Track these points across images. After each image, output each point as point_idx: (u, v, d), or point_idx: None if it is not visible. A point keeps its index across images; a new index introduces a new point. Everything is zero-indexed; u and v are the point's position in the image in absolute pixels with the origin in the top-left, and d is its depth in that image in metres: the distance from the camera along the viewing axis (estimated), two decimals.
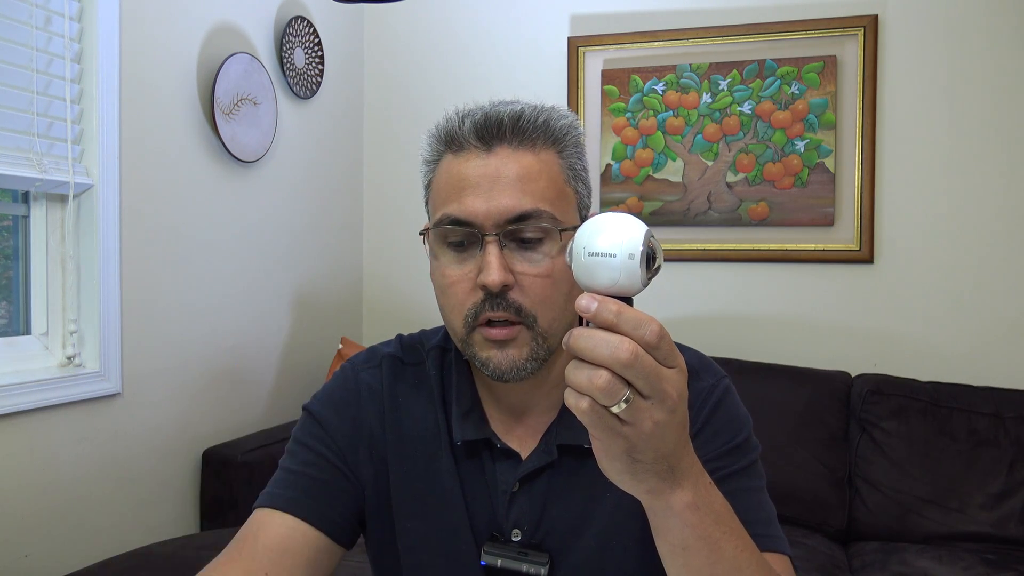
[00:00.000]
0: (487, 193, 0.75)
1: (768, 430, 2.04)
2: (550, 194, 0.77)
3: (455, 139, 0.78)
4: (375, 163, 2.90)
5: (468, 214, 0.75)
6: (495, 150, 0.77)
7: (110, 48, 1.80)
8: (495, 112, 0.77)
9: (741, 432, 0.83)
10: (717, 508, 0.64)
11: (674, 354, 0.56)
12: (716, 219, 2.54)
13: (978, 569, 1.85)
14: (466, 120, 0.78)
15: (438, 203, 0.79)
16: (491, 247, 0.75)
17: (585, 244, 0.56)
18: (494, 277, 0.73)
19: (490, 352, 0.77)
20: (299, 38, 2.47)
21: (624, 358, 0.52)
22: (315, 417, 0.88)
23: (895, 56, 2.40)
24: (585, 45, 2.64)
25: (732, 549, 0.64)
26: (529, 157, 0.77)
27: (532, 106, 0.79)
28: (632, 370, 0.53)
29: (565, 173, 0.80)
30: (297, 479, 0.84)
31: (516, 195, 0.75)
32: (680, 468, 0.60)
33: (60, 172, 1.70)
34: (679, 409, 0.56)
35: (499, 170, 0.76)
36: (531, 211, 0.75)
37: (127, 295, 1.86)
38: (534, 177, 0.76)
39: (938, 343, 2.38)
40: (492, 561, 0.81)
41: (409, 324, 2.72)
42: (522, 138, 0.77)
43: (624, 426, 0.55)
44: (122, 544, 1.80)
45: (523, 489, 0.83)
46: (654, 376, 0.54)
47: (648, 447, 0.56)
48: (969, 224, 2.35)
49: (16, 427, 1.60)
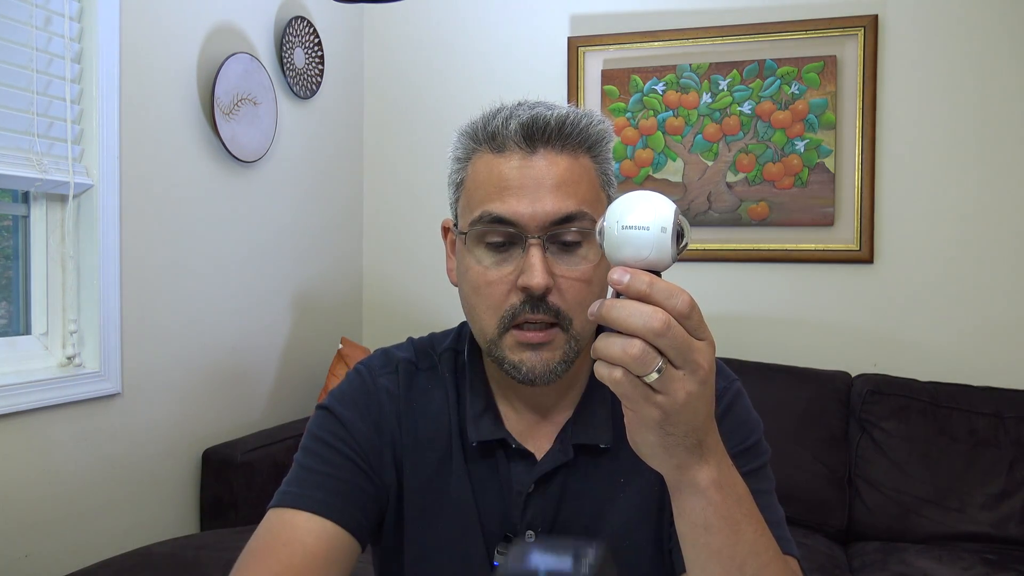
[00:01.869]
0: (532, 195, 0.75)
1: (768, 430, 2.03)
2: (589, 197, 0.78)
3: (496, 138, 0.78)
4: (375, 163, 2.90)
5: (512, 214, 0.75)
6: (539, 151, 0.77)
7: (110, 48, 1.80)
8: (541, 114, 0.77)
9: (752, 435, 0.83)
10: (739, 490, 0.64)
11: (704, 326, 0.57)
12: (716, 219, 2.54)
13: (978, 569, 1.85)
14: (511, 120, 0.78)
15: (476, 201, 0.78)
16: (534, 249, 0.75)
17: (618, 218, 0.58)
18: (539, 280, 0.73)
19: (523, 355, 0.77)
20: (299, 38, 2.47)
21: (657, 327, 0.53)
22: (338, 417, 0.85)
23: (895, 56, 2.40)
24: (585, 45, 2.64)
25: (752, 532, 0.64)
26: (570, 160, 0.78)
27: (574, 110, 0.79)
28: (665, 339, 0.54)
29: (600, 178, 0.80)
30: (322, 479, 0.81)
31: (560, 198, 0.75)
32: (707, 444, 0.60)
33: (60, 172, 1.70)
34: (709, 381, 0.57)
35: (543, 172, 0.76)
36: (574, 213, 0.75)
37: (127, 295, 1.86)
38: (575, 180, 0.77)
39: (938, 343, 2.38)
40: None
41: (409, 324, 2.73)
42: (564, 142, 0.77)
43: (657, 395, 0.55)
44: (122, 544, 1.80)
45: (538, 490, 0.82)
46: (685, 346, 0.55)
47: (681, 419, 0.57)
48: (969, 224, 2.35)
49: (16, 427, 1.60)
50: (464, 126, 0.82)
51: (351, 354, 2.44)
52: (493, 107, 0.81)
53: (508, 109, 0.80)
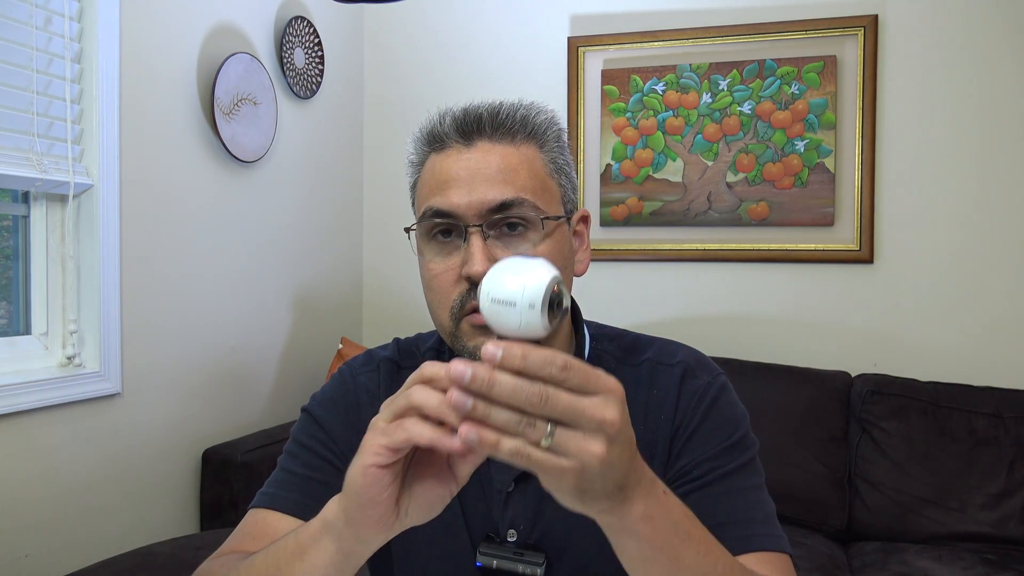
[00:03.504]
0: (468, 185, 0.77)
1: (768, 430, 2.04)
2: (532, 185, 0.78)
3: (437, 137, 0.81)
4: (375, 163, 2.90)
5: (450, 206, 0.77)
6: (475, 144, 0.79)
7: (110, 48, 1.80)
8: (473, 107, 0.80)
9: (738, 430, 0.83)
10: (674, 516, 0.63)
11: (591, 380, 0.54)
12: (716, 219, 2.54)
13: (978, 569, 1.85)
14: (446, 117, 0.80)
15: (422, 199, 0.81)
16: (474, 238, 0.76)
17: (489, 290, 0.56)
18: (478, 267, 0.74)
19: (478, 339, 0.77)
20: (299, 38, 2.47)
21: (535, 401, 0.52)
22: (316, 419, 0.87)
23: (895, 56, 2.40)
24: (585, 45, 2.64)
25: (692, 556, 0.63)
26: (509, 150, 0.79)
27: (510, 102, 0.81)
28: (547, 408, 0.53)
29: (547, 167, 0.81)
30: (299, 481, 0.83)
31: (497, 186, 0.77)
32: (630, 483, 0.58)
33: (60, 172, 1.70)
34: (621, 433, 0.55)
35: (479, 163, 0.78)
36: (512, 200, 0.77)
37: (127, 295, 1.86)
38: (514, 168, 0.78)
39: (938, 343, 2.38)
40: (487, 562, 0.81)
41: (409, 324, 2.72)
42: (501, 132, 0.79)
43: (561, 459, 0.54)
44: (122, 544, 1.80)
45: (518, 488, 0.83)
46: (572, 408, 0.53)
47: (596, 476, 0.55)
48: (969, 224, 2.35)
49: (16, 427, 1.60)
50: (415, 131, 0.84)
51: (351, 354, 2.44)
52: (431, 112, 0.83)
53: (447, 108, 0.82)
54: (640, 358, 0.88)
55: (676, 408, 0.83)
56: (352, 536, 0.63)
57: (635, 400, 0.85)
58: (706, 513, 0.73)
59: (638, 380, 0.86)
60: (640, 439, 0.75)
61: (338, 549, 0.63)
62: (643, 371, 0.86)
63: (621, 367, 0.87)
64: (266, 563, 0.69)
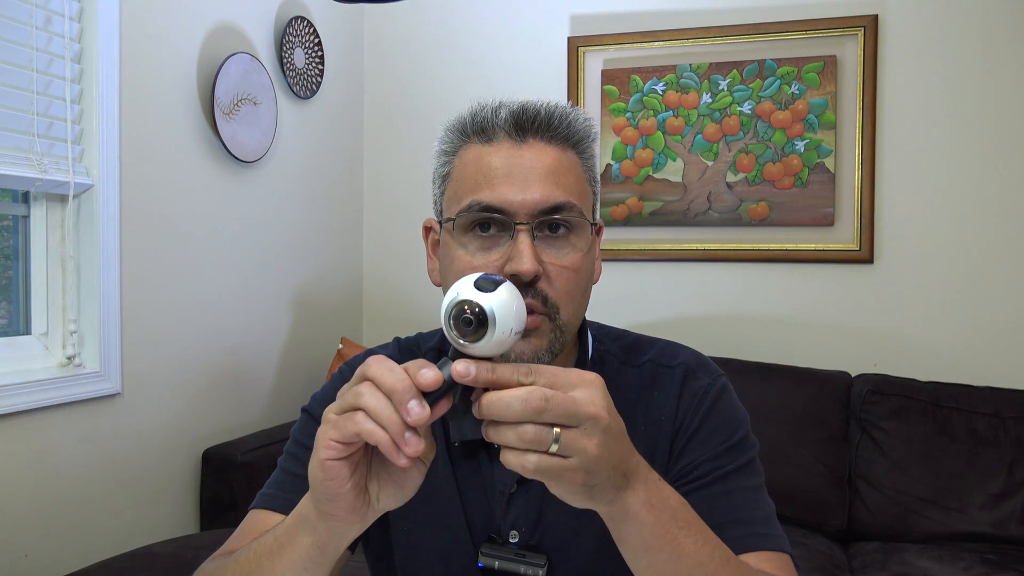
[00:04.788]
0: (522, 183, 0.76)
1: (768, 430, 2.04)
2: (578, 190, 0.79)
3: (486, 128, 0.79)
4: (375, 163, 2.90)
5: (501, 202, 0.75)
6: (528, 141, 0.78)
7: (110, 48, 1.80)
8: (532, 104, 0.78)
9: (738, 430, 0.83)
10: (673, 503, 0.65)
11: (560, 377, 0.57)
12: (716, 219, 2.54)
13: (978, 569, 1.85)
14: (501, 109, 0.78)
15: (464, 191, 0.78)
16: (523, 235, 0.74)
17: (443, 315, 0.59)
18: (527, 265, 0.73)
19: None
20: (299, 38, 2.47)
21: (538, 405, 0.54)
22: (316, 419, 0.86)
23: (895, 56, 2.40)
24: (585, 45, 2.64)
25: (692, 544, 0.64)
26: (559, 153, 0.78)
27: (563, 104, 0.80)
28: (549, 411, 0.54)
29: (586, 173, 0.81)
30: (299, 481, 0.82)
31: (549, 187, 0.76)
32: (631, 471, 0.61)
33: (60, 172, 1.70)
34: (611, 418, 0.57)
35: (533, 161, 0.77)
36: (564, 203, 0.76)
37: (127, 295, 1.86)
38: (565, 171, 0.78)
39: (938, 343, 2.38)
40: (489, 563, 0.81)
41: (409, 324, 2.72)
42: (553, 134, 0.78)
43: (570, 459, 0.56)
44: (122, 544, 1.81)
45: (521, 489, 0.82)
46: (568, 405, 0.55)
47: (601, 467, 0.57)
48: (969, 224, 2.35)
49: (16, 427, 1.60)
50: (451, 120, 0.82)
51: (351, 354, 2.44)
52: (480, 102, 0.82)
53: (496, 102, 0.80)
54: (641, 359, 0.88)
55: (677, 409, 0.83)
56: (326, 530, 0.63)
57: (636, 401, 0.85)
58: (707, 513, 0.73)
59: (639, 381, 0.86)
60: (641, 440, 0.75)
61: (313, 543, 0.64)
62: (644, 372, 0.86)
63: (623, 368, 0.87)
64: (248, 560, 0.70)
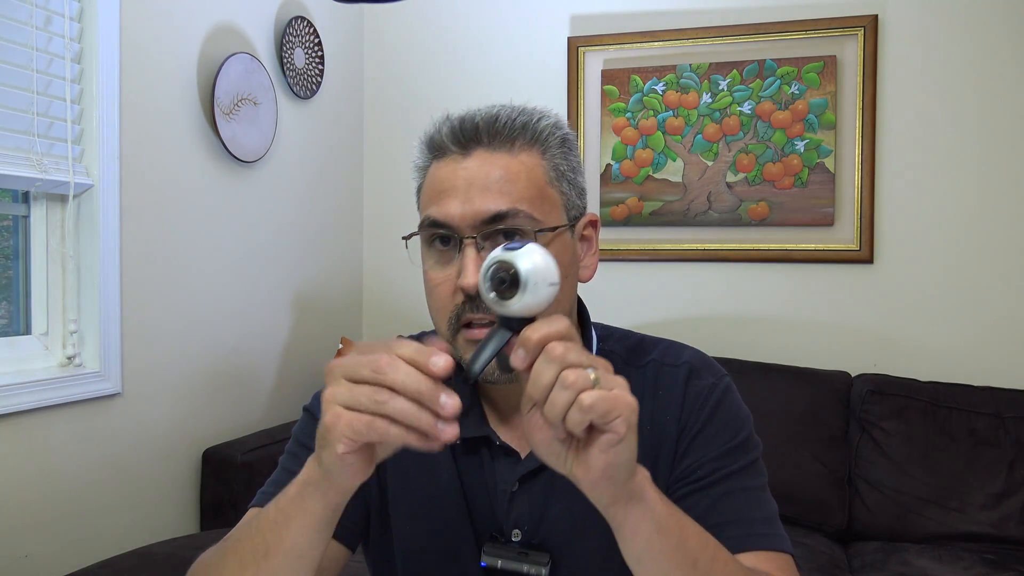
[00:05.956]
0: (463, 195, 0.76)
1: (768, 430, 2.03)
2: (529, 194, 0.77)
3: (436, 144, 0.80)
4: (375, 163, 2.90)
5: (445, 216, 0.77)
6: (472, 153, 0.78)
7: (110, 48, 1.80)
8: (470, 116, 0.79)
9: (742, 431, 0.83)
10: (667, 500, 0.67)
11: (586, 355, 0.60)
12: (716, 219, 2.54)
13: (978, 569, 1.85)
14: (444, 125, 0.80)
15: (423, 206, 0.81)
16: (467, 249, 0.76)
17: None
18: (469, 280, 0.74)
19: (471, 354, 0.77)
20: (299, 38, 2.46)
21: (584, 360, 0.58)
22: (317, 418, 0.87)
23: (895, 56, 2.40)
24: (585, 45, 2.64)
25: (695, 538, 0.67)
26: (507, 159, 0.78)
27: (510, 108, 0.80)
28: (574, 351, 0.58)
29: (548, 174, 0.80)
30: None
31: (491, 196, 0.76)
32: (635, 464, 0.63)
33: (60, 172, 1.70)
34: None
35: (476, 172, 0.77)
36: (506, 211, 0.76)
37: (127, 295, 1.86)
38: (511, 178, 0.77)
39: (938, 343, 2.38)
40: (492, 562, 0.81)
41: (409, 324, 2.72)
42: (499, 140, 0.78)
43: (616, 391, 0.58)
44: (122, 544, 1.80)
45: (523, 488, 0.82)
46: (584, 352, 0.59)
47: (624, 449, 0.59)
48: (969, 224, 2.35)
49: (16, 427, 1.60)
50: (421, 134, 0.84)
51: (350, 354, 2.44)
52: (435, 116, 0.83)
53: (447, 115, 0.81)
54: (645, 359, 0.88)
55: (681, 409, 0.83)
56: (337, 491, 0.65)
57: (640, 401, 0.85)
58: (709, 513, 0.73)
59: (643, 381, 0.86)
60: (646, 440, 0.76)
61: (324, 505, 0.65)
62: (648, 372, 0.86)
63: (627, 367, 0.87)
64: (252, 538, 0.69)
